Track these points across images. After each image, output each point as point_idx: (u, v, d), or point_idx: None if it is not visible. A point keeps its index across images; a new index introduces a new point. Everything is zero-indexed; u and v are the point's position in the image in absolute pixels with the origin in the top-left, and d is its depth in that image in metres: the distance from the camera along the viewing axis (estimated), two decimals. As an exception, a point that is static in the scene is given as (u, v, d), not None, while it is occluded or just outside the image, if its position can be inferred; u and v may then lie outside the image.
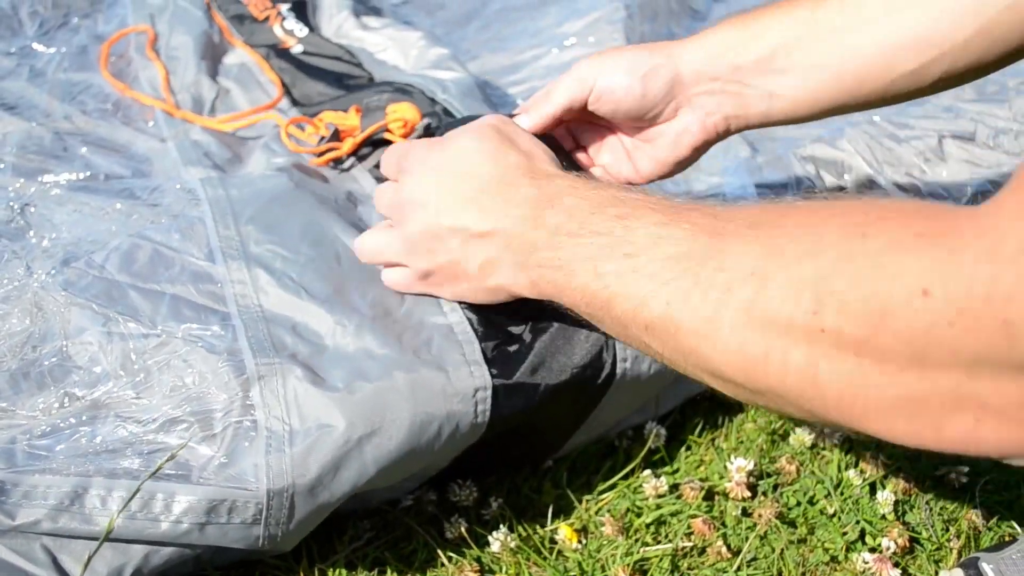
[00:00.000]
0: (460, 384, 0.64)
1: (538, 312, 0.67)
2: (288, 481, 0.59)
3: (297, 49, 1.09)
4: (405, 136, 0.86)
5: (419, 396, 0.63)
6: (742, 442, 0.82)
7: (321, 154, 0.86)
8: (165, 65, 1.08)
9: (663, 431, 0.80)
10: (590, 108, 0.71)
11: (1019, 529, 0.75)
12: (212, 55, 1.11)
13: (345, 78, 1.03)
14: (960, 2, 0.62)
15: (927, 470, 0.79)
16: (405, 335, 0.67)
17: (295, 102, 1.01)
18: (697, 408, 0.84)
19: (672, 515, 0.75)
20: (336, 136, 0.87)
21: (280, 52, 1.09)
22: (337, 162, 0.87)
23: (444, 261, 0.64)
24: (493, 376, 0.65)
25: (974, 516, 0.75)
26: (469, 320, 0.68)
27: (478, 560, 0.72)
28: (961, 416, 0.40)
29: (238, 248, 0.72)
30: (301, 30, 1.13)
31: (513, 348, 0.68)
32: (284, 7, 1.16)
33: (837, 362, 0.42)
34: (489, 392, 0.65)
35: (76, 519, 0.56)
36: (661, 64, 0.69)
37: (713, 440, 0.83)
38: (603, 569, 0.71)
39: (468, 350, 0.66)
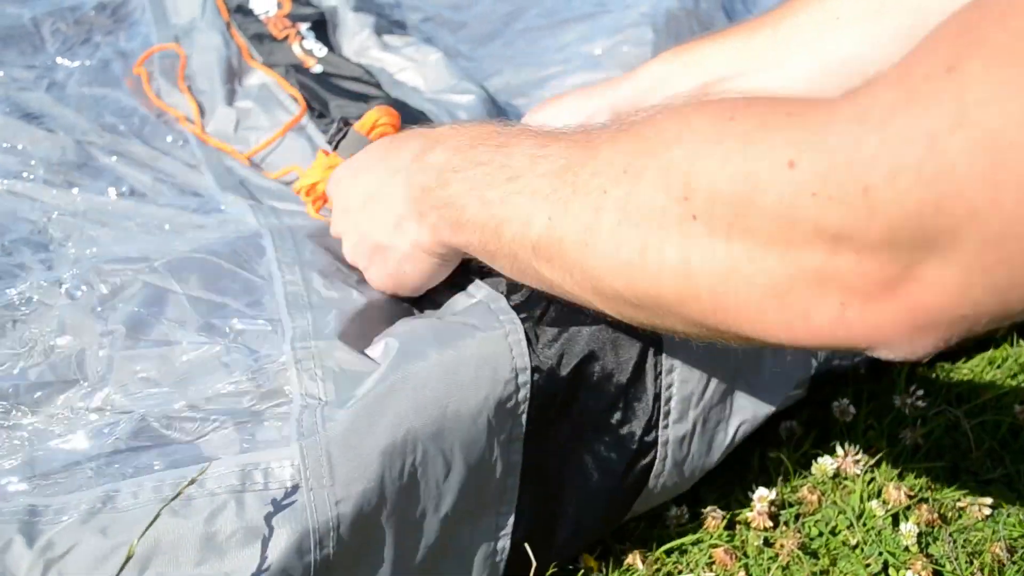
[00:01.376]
0: (490, 331, 0.63)
1: None
2: (320, 429, 0.57)
3: (317, 69, 1.10)
4: None
5: (449, 343, 0.62)
6: (764, 470, 0.82)
7: None
8: (195, 96, 1.09)
9: (685, 458, 0.80)
10: None
11: (1043, 563, 0.75)
12: (233, 79, 1.12)
13: (364, 97, 1.03)
14: (888, 30, 0.63)
15: (950, 501, 0.79)
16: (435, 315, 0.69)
17: (320, 115, 1.02)
18: (719, 435, 0.84)
19: (693, 544, 0.75)
20: None
21: (299, 71, 1.10)
22: None
23: (366, 246, 0.67)
24: (525, 321, 0.64)
25: (998, 549, 0.74)
26: (494, 285, 0.68)
27: (499, 588, 0.71)
28: (827, 300, 0.39)
29: (294, 257, 0.74)
30: (320, 50, 1.13)
31: (538, 294, 0.66)
32: (303, 26, 1.17)
33: (708, 251, 0.42)
34: (521, 335, 0.63)
35: (110, 517, 0.55)
36: (600, 106, 0.71)
37: (735, 468, 0.82)
38: (624, 599, 0.71)
39: (495, 305, 0.66)
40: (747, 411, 0.72)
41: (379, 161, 0.67)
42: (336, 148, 0.87)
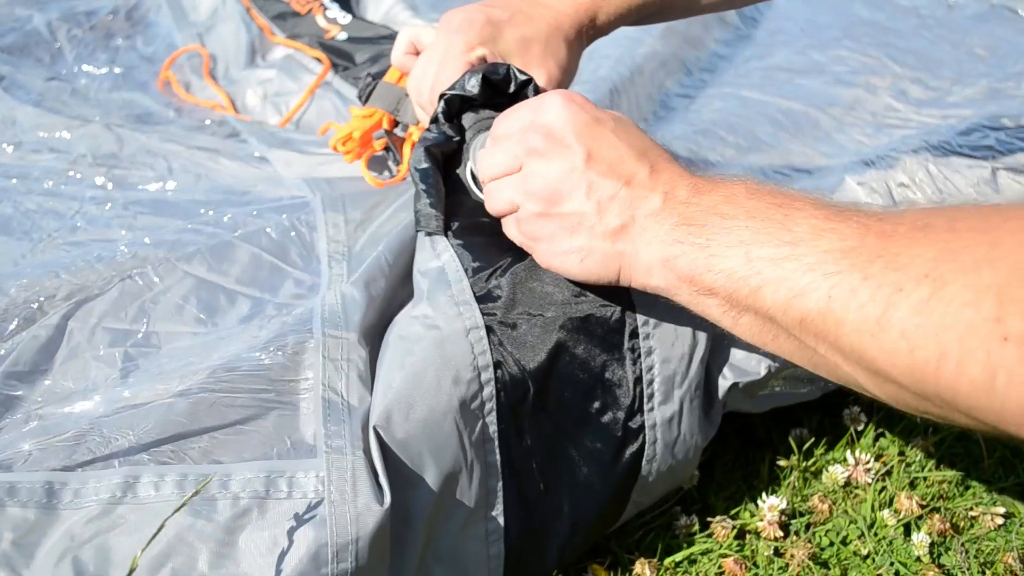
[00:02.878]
0: (449, 328, 0.63)
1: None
2: (348, 448, 0.58)
3: (341, 37, 1.13)
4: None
5: (411, 349, 0.62)
6: (774, 479, 0.82)
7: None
8: (226, 91, 1.12)
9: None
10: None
11: (1057, 573, 0.74)
12: (255, 58, 1.15)
13: (387, 41, 1.08)
14: None
15: (962, 511, 0.78)
16: (402, 291, 0.69)
17: (346, 69, 1.07)
18: (728, 445, 0.84)
19: (703, 554, 0.75)
20: (394, 148, 0.91)
21: (324, 43, 1.13)
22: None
23: (572, 209, 0.61)
24: (487, 315, 0.64)
25: (1011, 559, 0.74)
26: (460, 257, 0.67)
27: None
28: None
29: (344, 253, 0.76)
30: (344, 17, 1.16)
31: (502, 281, 0.66)
32: None
33: (1018, 373, 0.41)
34: (483, 331, 0.63)
35: (132, 511, 0.56)
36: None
37: (744, 477, 0.82)
38: (634, 609, 0.71)
39: (456, 290, 0.65)
40: (723, 384, 0.72)
41: (644, 160, 0.61)
42: (366, 101, 0.90)
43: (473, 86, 0.71)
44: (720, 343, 0.72)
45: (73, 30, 1.21)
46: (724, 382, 0.72)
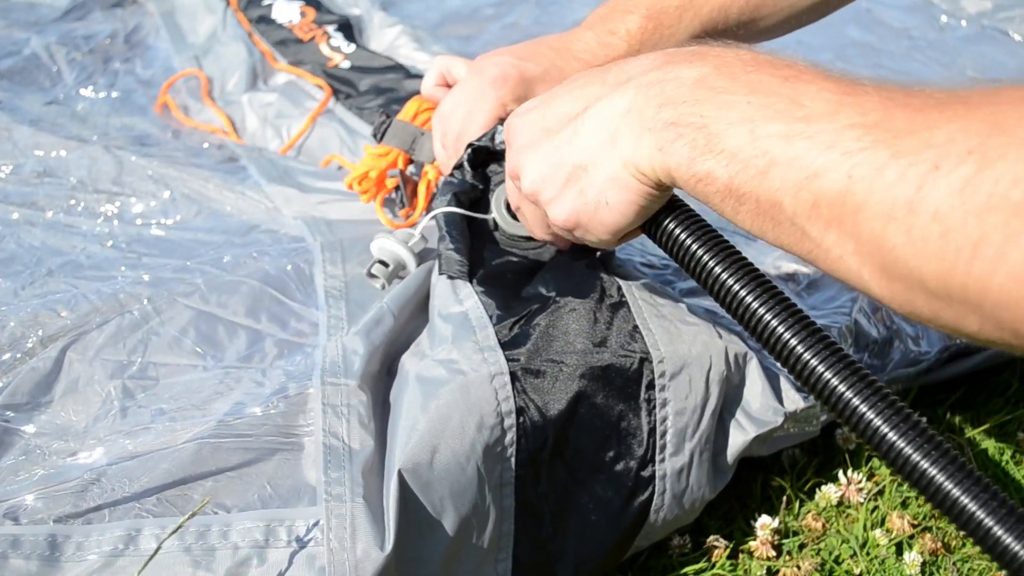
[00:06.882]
0: (474, 374, 0.63)
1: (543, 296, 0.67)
2: (347, 496, 0.58)
3: (345, 65, 1.14)
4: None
5: (436, 393, 0.62)
6: (767, 499, 0.82)
7: (407, 215, 0.91)
8: (224, 111, 1.13)
9: (688, 487, 0.80)
10: None
11: (1048, 592, 0.75)
12: (256, 82, 1.16)
13: (395, 69, 1.09)
14: None
15: (954, 530, 0.79)
16: (405, 331, 0.70)
17: (348, 96, 1.08)
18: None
19: (696, 574, 0.75)
20: (412, 191, 0.91)
21: (327, 71, 1.14)
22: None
23: (561, 172, 0.56)
24: (510, 361, 0.64)
25: (1002, 578, 0.74)
26: (484, 305, 0.68)
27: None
28: None
29: (342, 289, 0.76)
30: (348, 46, 1.17)
31: (526, 329, 0.66)
32: (330, 27, 1.20)
33: None
34: (507, 377, 0.63)
35: (134, 563, 0.56)
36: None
37: (738, 497, 0.83)
38: (627, 629, 0.71)
39: (481, 336, 0.65)
40: (741, 437, 0.71)
41: (592, 78, 0.57)
42: (381, 139, 0.90)
43: (502, 142, 0.73)
44: (735, 395, 0.72)
45: (72, 53, 1.22)
46: (743, 435, 0.71)
